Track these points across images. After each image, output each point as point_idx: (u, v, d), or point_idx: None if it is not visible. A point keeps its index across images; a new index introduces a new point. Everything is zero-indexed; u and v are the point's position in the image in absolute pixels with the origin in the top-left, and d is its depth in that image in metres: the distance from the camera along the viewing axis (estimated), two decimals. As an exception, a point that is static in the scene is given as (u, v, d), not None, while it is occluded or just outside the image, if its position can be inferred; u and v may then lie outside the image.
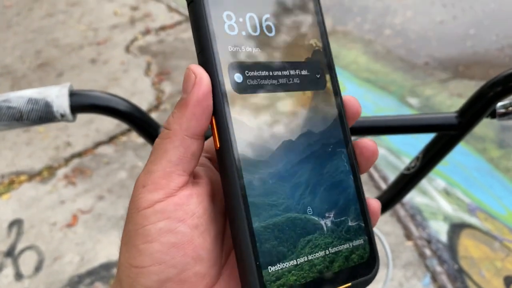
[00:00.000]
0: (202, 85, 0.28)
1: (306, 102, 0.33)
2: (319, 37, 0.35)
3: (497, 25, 3.33)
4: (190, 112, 0.28)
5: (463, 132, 0.56)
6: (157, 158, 0.28)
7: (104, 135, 2.62)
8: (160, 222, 0.27)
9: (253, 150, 0.30)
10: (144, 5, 4.28)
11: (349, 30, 3.55)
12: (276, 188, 0.30)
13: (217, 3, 0.30)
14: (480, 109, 0.53)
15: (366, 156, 0.34)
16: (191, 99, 0.28)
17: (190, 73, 0.28)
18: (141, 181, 0.28)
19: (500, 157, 2.24)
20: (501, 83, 0.50)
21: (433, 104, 2.66)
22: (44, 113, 0.59)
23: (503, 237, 1.88)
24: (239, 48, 0.30)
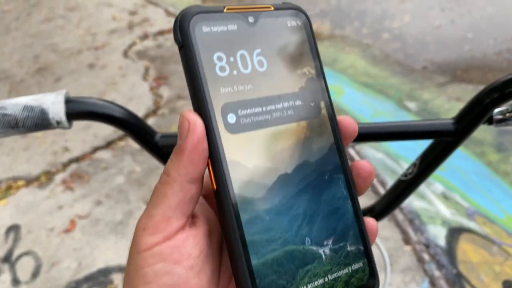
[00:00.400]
0: (196, 131, 0.29)
1: (301, 133, 0.33)
2: (312, 64, 0.35)
3: (494, 30, 3.34)
4: (187, 158, 0.29)
5: (460, 138, 0.56)
6: (157, 203, 0.29)
7: (101, 140, 2.62)
8: (157, 264, 0.28)
9: (249, 189, 0.30)
10: (143, 10, 4.29)
11: (347, 34, 3.55)
12: (274, 223, 0.30)
13: (207, 46, 0.30)
14: (477, 115, 0.53)
15: (363, 177, 0.34)
16: (186, 145, 0.29)
17: (184, 120, 0.29)
18: (141, 224, 0.29)
19: (498, 161, 2.24)
20: (498, 90, 0.49)
21: (431, 108, 2.66)
22: (39, 120, 0.59)
23: (501, 241, 1.88)
24: (231, 89, 0.31)
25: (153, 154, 0.67)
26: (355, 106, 2.74)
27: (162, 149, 0.66)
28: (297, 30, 0.35)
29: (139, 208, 2.15)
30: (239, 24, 0.32)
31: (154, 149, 0.66)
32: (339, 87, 2.92)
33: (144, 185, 2.28)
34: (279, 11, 0.34)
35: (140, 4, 4.42)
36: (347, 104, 2.75)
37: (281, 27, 0.34)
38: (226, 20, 0.31)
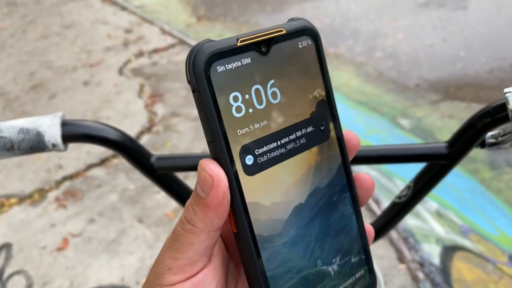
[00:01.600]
0: (220, 187, 0.29)
1: (312, 159, 0.33)
2: (322, 85, 0.34)
3: (486, 48, 3.39)
4: (212, 212, 0.29)
5: (454, 162, 0.56)
6: (183, 248, 0.30)
7: (95, 158, 2.61)
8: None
9: (268, 227, 0.31)
10: (138, 28, 4.32)
11: (341, 53, 3.59)
12: (290, 254, 0.31)
13: (223, 87, 0.29)
14: (470, 139, 0.54)
15: (366, 189, 0.36)
16: (212, 201, 0.29)
17: (206, 175, 0.29)
18: (167, 264, 0.30)
19: (491, 178, 2.26)
20: (490, 114, 0.50)
21: (425, 125, 2.68)
22: (35, 143, 0.59)
23: (496, 260, 1.88)
24: (247, 129, 0.30)
25: (148, 177, 0.67)
26: (349, 124, 2.76)
27: (157, 171, 0.66)
28: (308, 50, 0.33)
29: (132, 227, 2.13)
30: (252, 56, 0.30)
31: (149, 171, 0.66)
32: (333, 105, 2.94)
33: (137, 203, 2.27)
34: (290, 33, 0.32)
35: (135, 22, 4.45)
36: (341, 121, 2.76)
37: (293, 51, 0.33)
38: (240, 54, 0.30)
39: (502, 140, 0.52)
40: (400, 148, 0.58)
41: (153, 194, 2.30)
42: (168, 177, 0.68)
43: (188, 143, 2.66)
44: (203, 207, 0.29)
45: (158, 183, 0.68)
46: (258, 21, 4.28)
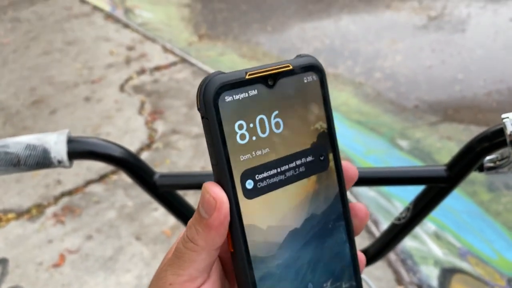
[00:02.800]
0: (222, 209, 0.31)
1: (310, 188, 0.34)
2: (324, 118, 0.35)
3: (484, 71, 3.42)
4: (214, 232, 0.31)
5: (453, 185, 0.57)
6: (185, 265, 0.32)
7: (94, 174, 2.61)
8: None
9: (263, 249, 0.32)
10: (140, 46, 4.36)
11: (340, 73, 3.62)
12: (282, 276, 0.33)
13: (230, 116, 0.31)
14: (469, 163, 0.54)
15: (360, 218, 0.37)
16: (213, 222, 0.31)
17: (210, 198, 0.31)
18: (168, 280, 0.32)
19: (490, 201, 2.26)
20: (488, 139, 0.51)
21: (423, 146, 2.69)
22: (41, 159, 0.60)
23: (494, 283, 1.87)
24: (250, 155, 0.32)
25: (150, 194, 0.68)
26: (347, 144, 2.77)
27: (159, 189, 0.67)
28: (312, 85, 0.35)
29: (130, 244, 2.13)
30: (259, 89, 0.32)
31: (152, 188, 0.67)
32: (332, 125, 2.95)
33: (135, 220, 2.26)
34: (297, 69, 0.34)
35: (137, 40, 4.50)
36: (340, 141, 2.75)
37: (298, 85, 0.34)
38: (247, 86, 0.32)
39: (500, 164, 0.53)
40: (399, 170, 0.59)
41: (151, 212, 2.29)
42: (170, 195, 0.69)
43: (188, 160, 2.67)
44: (205, 227, 0.31)
45: (160, 200, 0.68)
46: (259, 41, 4.33)
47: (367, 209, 0.37)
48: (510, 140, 0.46)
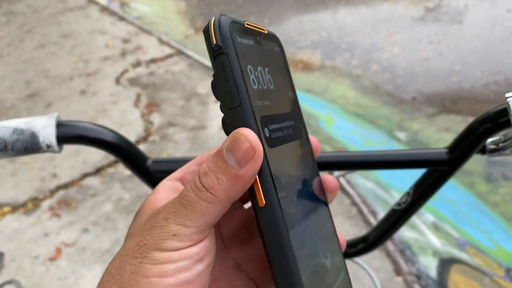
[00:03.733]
0: (259, 161, 0.28)
1: (299, 151, 0.34)
2: (292, 90, 0.36)
3: (482, 62, 3.41)
4: (241, 185, 0.28)
5: (454, 168, 0.55)
6: (194, 216, 0.28)
7: (91, 167, 2.59)
8: (182, 261, 0.28)
9: (289, 202, 0.29)
10: (136, 38, 4.33)
11: (337, 65, 3.60)
12: (305, 239, 0.30)
13: (244, 55, 0.29)
14: (470, 145, 0.53)
15: (330, 190, 0.37)
16: (245, 174, 0.27)
17: (250, 147, 0.27)
18: (172, 230, 0.28)
19: (488, 192, 2.25)
20: (491, 120, 0.49)
21: (421, 138, 2.68)
22: (29, 144, 0.58)
23: (493, 273, 1.86)
24: (261, 103, 0.30)
25: (143, 180, 0.66)
26: (345, 136, 2.75)
27: (153, 175, 0.65)
28: (280, 55, 0.36)
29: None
30: (254, 41, 0.31)
31: (145, 174, 0.65)
32: (330, 117, 2.94)
33: (132, 213, 2.25)
34: (269, 35, 0.34)
35: (133, 33, 4.46)
36: (338, 133, 2.77)
37: (273, 51, 0.34)
38: (248, 34, 0.30)
39: (503, 146, 0.52)
40: (400, 153, 0.57)
41: (148, 204, 2.28)
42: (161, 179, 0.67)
43: (185, 152, 2.65)
44: (232, 178, 0.28)
45: (154, 187, 0.67)
46: (256, 33, 4.31)
47: (337, 182, 0.37)
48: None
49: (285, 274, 0.28)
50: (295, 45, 3.99)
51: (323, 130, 2.80)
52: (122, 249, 0.30)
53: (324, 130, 2.79)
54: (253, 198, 0.28)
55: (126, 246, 0.30)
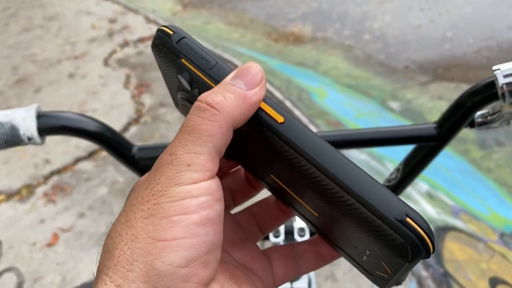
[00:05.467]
0: (265, 88, 0.29)
1: None
2: None
3: (473, 28, 3.38)
4: (247, 106, 0.28)
5: (443, 142, 0.55)
6: (202, 140, 0.27)
7: (83, 151, 2.58)
8: (203, 196, 0.26)
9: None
10: (122, 18, 4.25)
11: (328, 37, 3.56)
12: None
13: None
14: (459, 119, 0.52)
15: None
16: (253, 97, 0.28)
17: (258, 72, 0.29)
18: (184, 160, 0.26)
19: (481, 158, 2.26)
20: (479, 93, 0.49)
21: (414, 107, 2.67)
22: (9, 137, 0.56)
23: (487, 238, 1.89)
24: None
25: (130, 168, 0.65)
26: (338, 108, 2.74)
27: (139, 162, 0.64)
28: None
29: (123, 219, 2.11)
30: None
31: (131, 162, 0.64)
32: (322, 90, 2.92)
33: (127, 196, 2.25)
34: None
35: (119, 12, 4.38)
36: (331, 106, 2.75)
37: None
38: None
39: (492, 119, 0.51)
40: (388, 130, 0.56)
41: (143, 186, 2.27)
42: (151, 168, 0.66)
43: (177, 133, 2.63)
44: (239, 96, 0.28)
45: (141, 174, 0.66)
46: (245, 7, 4.24)
47: None
48: (502, 93, 0.44)
49: (368, 184, 0.26)
50: (285, 17, 3.93)
51: (316, 103, 2.78)
52: (124, 207, 0.28)
53: (316, 104, 2.77)
54: (267, 122, 0.28)
55: (130, 199, 0.28)
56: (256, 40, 3.62)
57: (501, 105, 0.45)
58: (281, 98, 2.79)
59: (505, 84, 0.42)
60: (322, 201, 0.28)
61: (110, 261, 0.26)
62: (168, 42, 0.31)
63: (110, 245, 0.26)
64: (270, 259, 0.35)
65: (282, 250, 0.36)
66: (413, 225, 0.25)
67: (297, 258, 0.35)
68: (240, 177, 0.38)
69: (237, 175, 0.38)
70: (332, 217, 0.28)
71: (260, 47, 3.51)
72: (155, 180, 0.27)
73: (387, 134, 0.56)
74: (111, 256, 0.26)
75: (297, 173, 0.28)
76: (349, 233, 0.28)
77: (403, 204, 0.25)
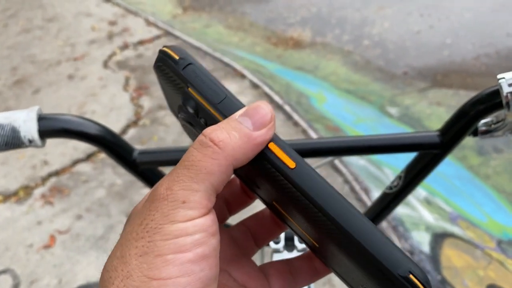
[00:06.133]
0: (273, 130, 0.28)
1: None
2: None
3: (472, 35, 3.39)
4: (251, 147, 0.28)
5: (446, 150, 0.55)
6: (200, 177, 0.26)
7: (81, 153, 2.57)
8: (197, 234, 0.26)
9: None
10: (122, 20, 4.25)
11: (328, 42, 3.57)
12: None
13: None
14: (462, 127, 0.52)
15: None
16: (258, 138, 0.28)
17: (267, 113, 0.28)
18: (179, 197, 0.26)
19: (479, 164, 2.26)
20: (483, 102, 0.48)
21: (413, 113, 2.68)
22: (10, 139, 0.56)
23: (484, 245, 1.89)
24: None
25: (131, 172, 0.65)
26: (337, 113, 2.74)
27: (140, 166, 0.64)
28: None
29: (120, 222, 2.11)
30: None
31: (132, 166, 0.64)
32: (321, 94, 2.92)
33: (125, 198, 2.24)
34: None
35: (119, 14, 4.38)
36: (330, 111, 2.76)
37: None
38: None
39: (495, 127, 0.51)
40: (391, 137, 0.56)
41: (141, 189, 2.27)
42: (151, 172, 0.66)
43: (176, 136, 2.63)
44: (244, 136, 0.27)
45: (142, 178, 0.65)
46: (245, 11, 4.24)
47: None
48: (507, 102, 0.44)
49: (370, 233, 0.26)
50: (285, 22, 3.93)
51: (315, 108, 2.78)
52: (120, 239, 0.28)
53: (315, 109, 2.78)
54: (278, 167, 0.28)
55: (126, 232, 0.28)
56: (256, 44, 3.62)
57: (505, 114, 0.45)
58: (281, 102, 2.79)
59: (509, 93, 0.42)
60: (324, 238, 0.28)
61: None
62: (174, 67, 0.30)
63: (107, 279, 0.26)
64: (267, 276, 0.35)
65: (278, 266, 0.36)
66: (416, 283, 0.25)
67: (293, 273, 0.35)
68: (235, 187, 0.37)
69: (232, 185, 0.37)
70: (331, 252, 0.29)
71: (260, 51, 3.51)
72: (150, 216, 0.26)
73: (390, 141, 0.56)
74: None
75: (302, 211, 0.28)
76: (348, 269, 0.29)
77: (407, 259, 0.26)
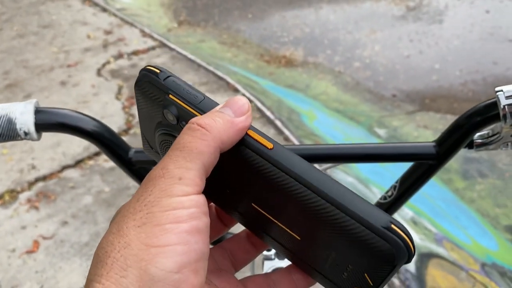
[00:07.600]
0: (251, 118, 0.32)
1: None
2: None
3: (460, 61, 3.46)
4: (234, 131, 0.30)
5: (441, 162, 0.56)
6: (192, 157, 0.29)
7: (70, 159, 2.55)
8: (193, 208, 0.28)
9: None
10: (118, 30, 4.26)
11: (319, 62, 3.62)
12: None
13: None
14: (458, 139, 0.54)
15: None
16: (239, 124, 0.31)
17: (245, 103, 0.32)
18: (177, 174, 0.28)
19: (464, 188, 2.30)
20: (479, 114, 0.50)
21: (400, 135, 2.71)
22: (5, 130, 0.55)
23: (469, 267, 1.90)
24: None
25: (126, 170, 0.65)
26: (327, 131, 2.77)
27: (135, 165, 0.64)
28: None
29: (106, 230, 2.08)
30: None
31: (127, 165, 0.63)
32: (312, 113, 2.95)
33: (112, 206, 2.22)
34: None
35: (115, 24, 4.39)
36: (320, 128, 2.78)
37: None
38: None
39: (491, 140, 0.53)
40: (388, 146, 0.57)
41: (128, 197, 2.25)
42: (147, 172, 0.66)
43: (166, 146, 2.63)
44: (227, 121, 0.30)
45: (136, 177, 0.65)
46: (239, 28, 4.29)
47: None
48: (504, 114, 0.45)
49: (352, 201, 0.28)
50: (278, 40, 3.98)
51: (305, 125, 2.81)
52: (115, 217, 0.29)
53: (306, 125, 2.80)
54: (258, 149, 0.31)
55: (121, 210, 0.29)
56: (249, 61, 3.65)
57: (501, 126, 0.47)
58: (272, 117, 2.81)
59: (507, 105, 0.44)
60: (307, 219, 0.30)
61: (103, 269, 0.26)
62: (155, 80, 0.33)
63: (102, 255, 0.27)
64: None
65: (258, 279, 0.36)
66: (398, 231, 0.27)
67: (272, 286, 0.36)
68: (211, 215, 0.38)
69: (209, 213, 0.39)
70: (314, 236, 0.30)
71: (252, 68, 3.54)
72: (147, 191, 0.28)
73: (386, 150, 0.57)
74: (103, 264, 0.26)
75: (282, 195, 0.30)
76: (332, 250, 0.30)
77: (386, 214, 0.28)
